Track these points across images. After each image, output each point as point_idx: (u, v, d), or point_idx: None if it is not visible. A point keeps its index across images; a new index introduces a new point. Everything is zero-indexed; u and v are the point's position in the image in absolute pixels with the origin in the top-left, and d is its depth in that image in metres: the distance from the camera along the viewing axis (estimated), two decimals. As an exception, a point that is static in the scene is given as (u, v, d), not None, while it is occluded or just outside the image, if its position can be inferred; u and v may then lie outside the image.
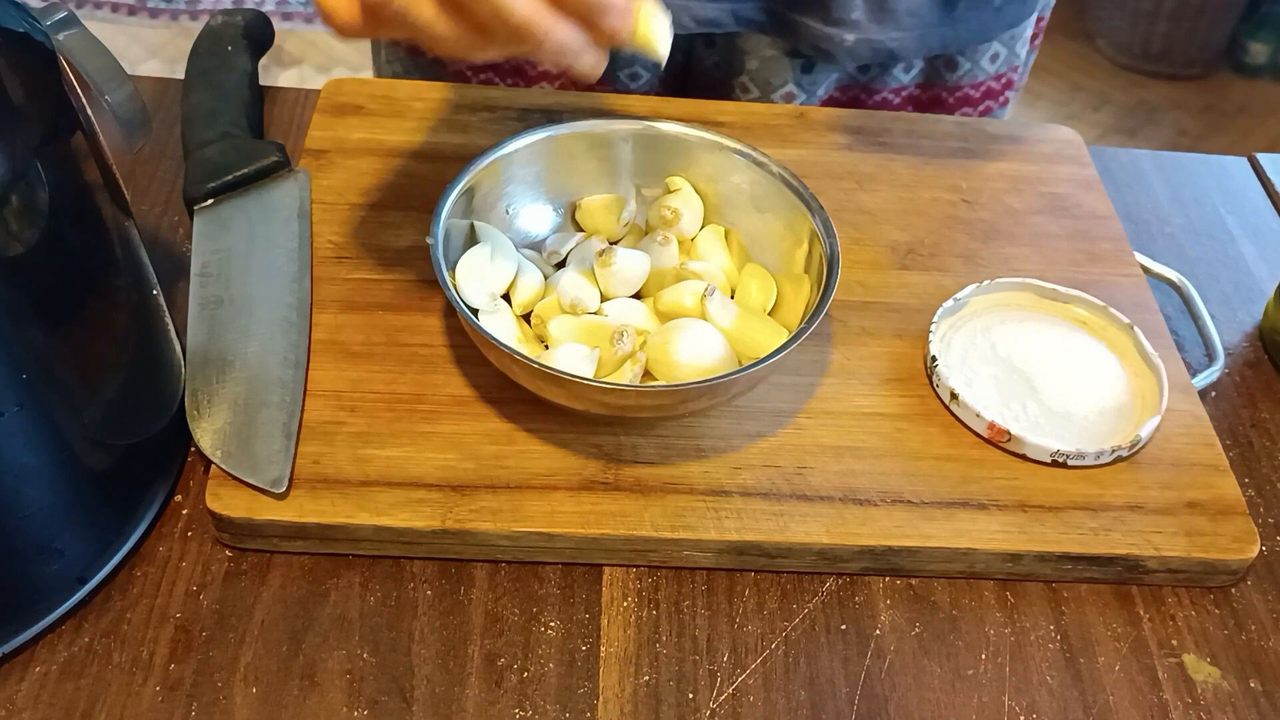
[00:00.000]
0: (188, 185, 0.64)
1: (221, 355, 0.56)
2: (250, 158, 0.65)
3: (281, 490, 0.51)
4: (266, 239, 0.62)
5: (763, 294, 0.60)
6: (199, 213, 0.63)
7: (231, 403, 0.54)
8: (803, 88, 0.78)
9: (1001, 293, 0.64)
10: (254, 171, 0.65)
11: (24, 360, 0.45)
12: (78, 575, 0.49)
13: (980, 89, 0.82)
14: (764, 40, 0.76)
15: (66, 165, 0.46)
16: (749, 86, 0.78)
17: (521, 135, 0.61)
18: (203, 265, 0.60)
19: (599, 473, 0.54)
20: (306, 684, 0.48)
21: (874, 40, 0.74)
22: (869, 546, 0.53)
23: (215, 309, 0.58)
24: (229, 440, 0.53)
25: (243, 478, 0.51)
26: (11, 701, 0.47)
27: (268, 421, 0.53)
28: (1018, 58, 0.82)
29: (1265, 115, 2.44)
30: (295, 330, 0.58)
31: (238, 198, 0.64)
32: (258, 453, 0.52)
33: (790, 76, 0.77)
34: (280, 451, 0.52)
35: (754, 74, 0.77)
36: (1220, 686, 0.52)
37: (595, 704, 0.49)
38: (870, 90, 0.80)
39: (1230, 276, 0.72)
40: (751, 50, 0.77)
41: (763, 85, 0.78)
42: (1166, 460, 0.57)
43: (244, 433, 0.53)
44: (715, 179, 0.63)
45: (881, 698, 0.50)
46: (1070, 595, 0.54)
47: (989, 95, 0.82)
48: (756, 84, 0.78)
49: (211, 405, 0.54)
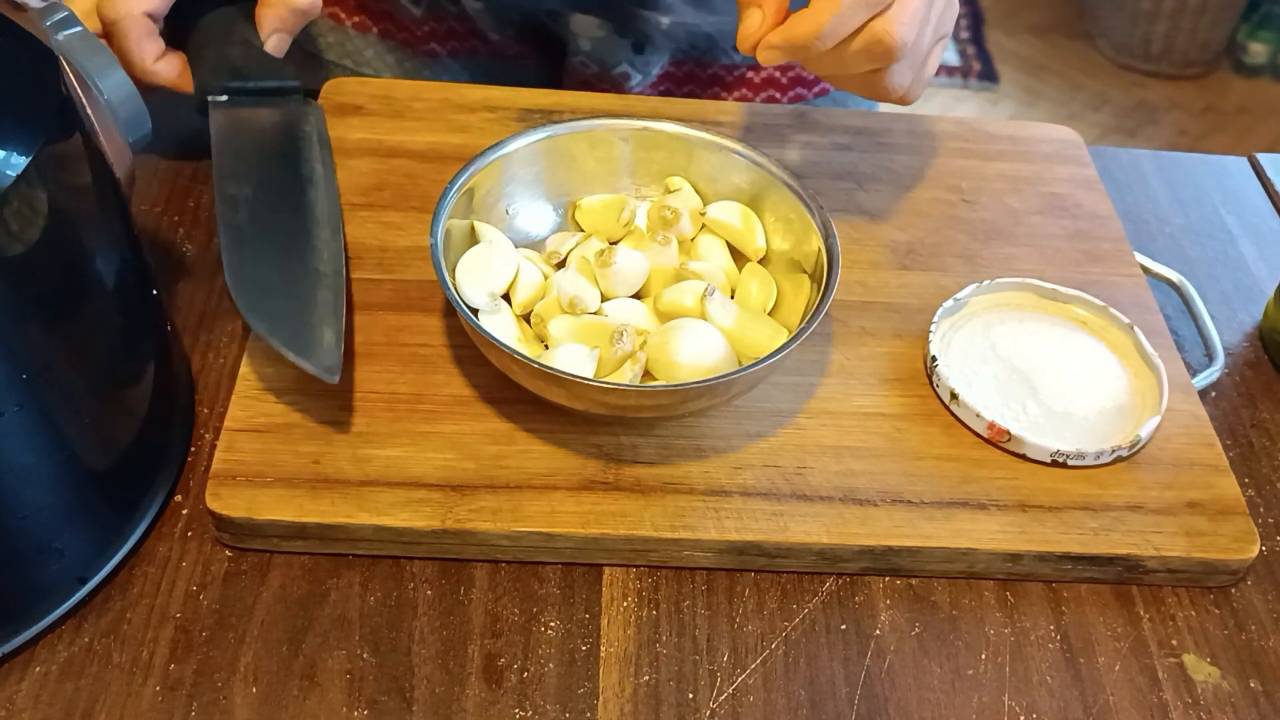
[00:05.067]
0: (204, 75, 0.64)
1: (256, 241, 0.56)
2: (271, 71, 0.65)
3: (335, 380, 0.51)
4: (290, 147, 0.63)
5: (763, 294, 0.60)
6: (215, 107, 0.63)
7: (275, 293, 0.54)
8: (636, 67, 0.78)
9: (1001, 293, 0.64)
10: (274, 87, 0.65)
11: (24, 360, 0.45)
12: (78, 575, 0.49)
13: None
14: (593, 21, 0.77)
15: (66, 165, 0.46)
16: (589, 64, 0.79)
17: (521, 135, 0.61)
18: (223, 156, 0.60)
19: (599, 473, 0.54)
20: (306, 684, 0.48)
21: (689, 24, 0.75)
22: (869, 546, 0.53)
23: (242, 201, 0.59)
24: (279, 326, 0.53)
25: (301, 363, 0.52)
26: (11, 701, 0.47)
27: (315, 314, 0.54)
28: None
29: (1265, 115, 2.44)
30: (329, 227, 0.58)
31: (253, 102, 0.64)
32: (310, 340, 0.53)
33: (623, 56, 0.78)
34: (334, 341, 0.53)
35: (589, 54, 0.78)
36: (1220, 686, 0.52)
37: (595, 704, 0.49)
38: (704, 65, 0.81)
39: (1230, 276, 0.72)
40: (581, 31, 0.77)
41: (599, 63, 0.78)
42: (1166, 460, 0.57)
43: (291, 318, 0.53)
44: (715, 179, 0.63)
45: (881, 698, 0.50)
46: (1070, 595, 0.54)
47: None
48: (594, 62, 0.79)
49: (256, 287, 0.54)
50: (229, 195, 0.59)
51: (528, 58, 0.81)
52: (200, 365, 0.59)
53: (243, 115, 0.63)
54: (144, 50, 0.62)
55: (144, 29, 0.62)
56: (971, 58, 2.50)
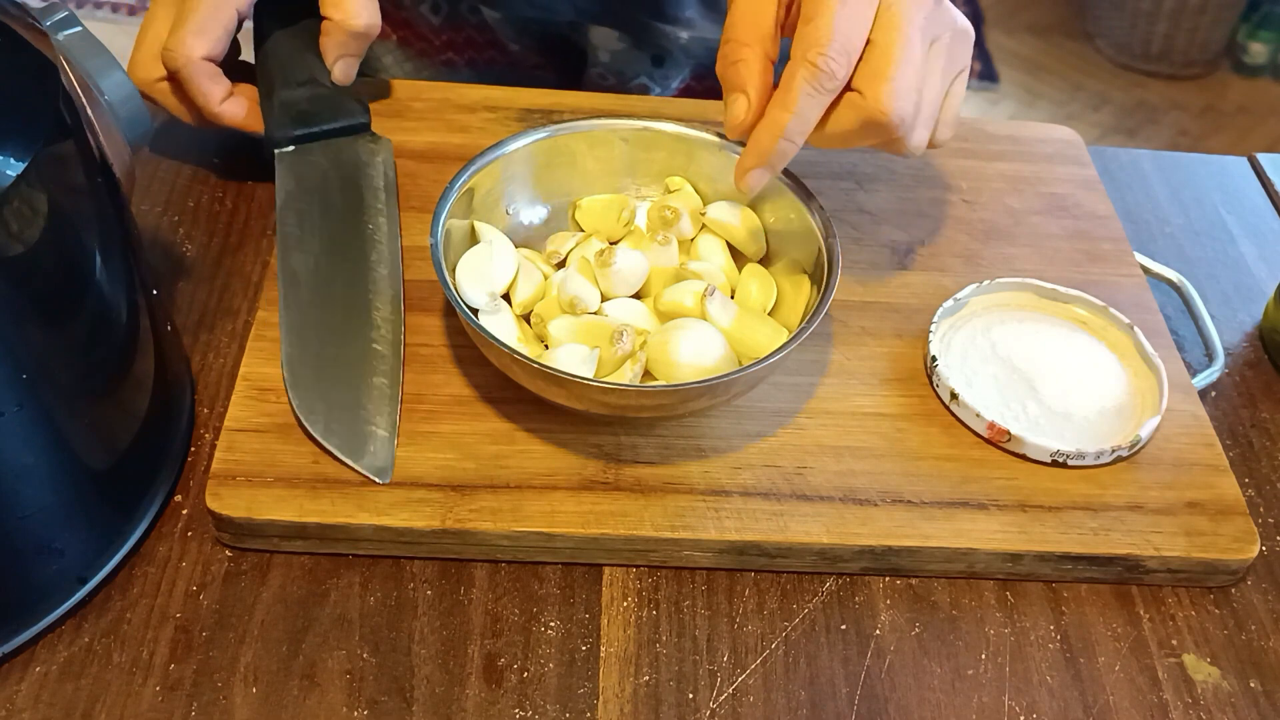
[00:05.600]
0: (271, 127, 0.64)
1: (314, 323, 0.56)
2: (338, 111, 0.65)
3: (386, 481, 0.52)
4: (355, 199, 0.63)
5: (763, 294, 0.60)
6: (281, 156, 0.63)
7: (331, 380, 0.55)
8: (654, 80, 0.78)
9: (1001, 293, 0.64)
10: (341, 127, 0.65)
11: (24, 360, 0.45)
12: (78, 575, 0.49)
13: None
14: (612, 33, 0.76)
15: (66, 165, 0.46)
16: (607, 75, 0.78)
17: (521, 135, 0.61)
18: (286, 221, 0.61)
19: (599, 473, 0.54)
20: (306, 684, 0.48)
21: (709, 40, 0.74)
22: (869, 546, 0.53)
23: (304, 273, 0.59)
24: (331, 421, 0.53)
25: (349, 463, 0.52)
26: (11, 701, 0.47)
27: (369, 406, 0.54)
28: None
29: (1265, 115, 2.44)
30: (390, 302, 0.58)
31: (320, 148, 0.64)
32: (363, 437, 0.53)
33: (642, 69, 0.77)
34: (386, 437, 0.53)
35: (608, 66, 0.78)
36: (1220, 686, 0.52)
37: (595, 704, 0.49)
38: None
39: (1230, 276, 0.72)
40: (601, 43, 0.77)
41: (617, 75, 0.78)
42: (1166, 460, 0.57)
43: (346, 413, 0.53)
44: (715, 179, 0.63)
45: (881, 698, 0.50)
46: (1070, 595, 0.54)
47: None
48: (612, 74, 0.78)
49: (309, 382, 0.54)
50: (291, 270, 0.59)
51: (546, 68, 0.80)
52: (200, 365, 0.59)
53: (309, 165, 0.63)
54: (209, 93, 0.63)
55: (206, 72, 0.62)
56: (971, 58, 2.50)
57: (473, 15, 0.78)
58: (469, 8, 0.77)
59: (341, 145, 0.65)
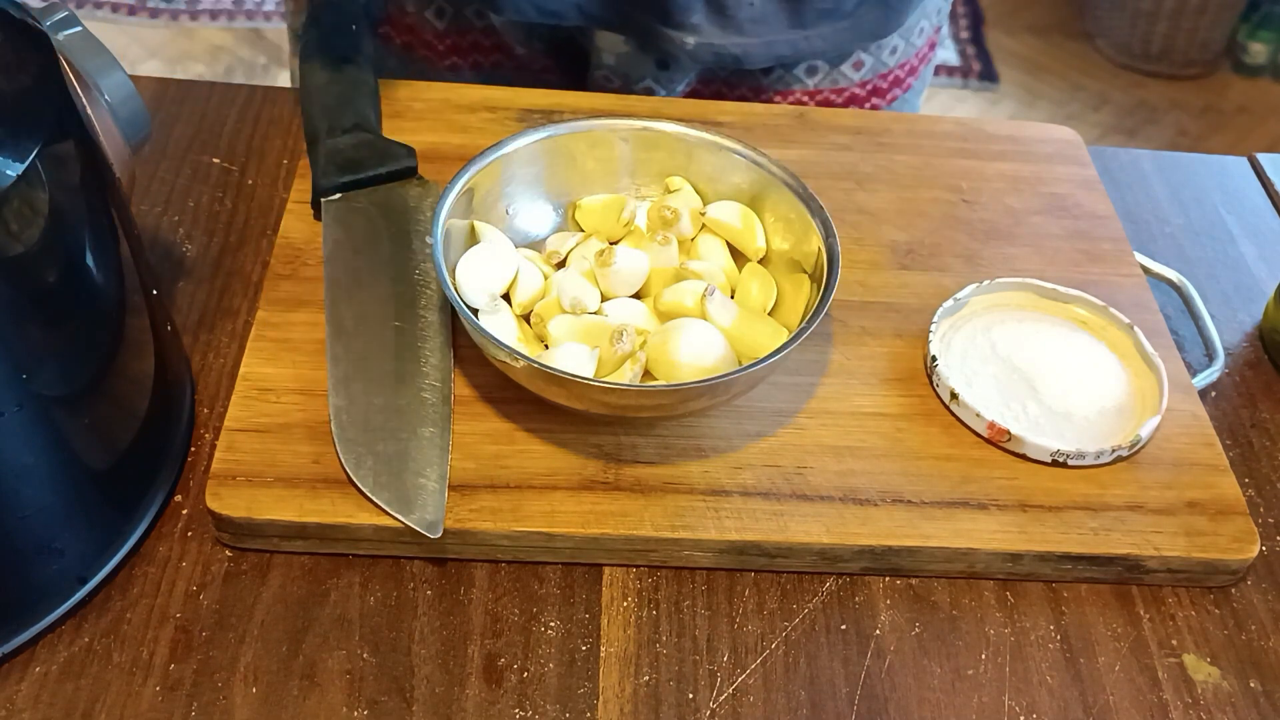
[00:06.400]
0: (318, 175, 0.64)
1: (363, 374, 0.56)
2: (384, 158, 0.65)
3: (437, 535, 0.50)
4: (402, 244, 0.62)
5: (763, 294, 0.60)
6: (327, 205, 0.63)
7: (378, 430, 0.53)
8: (660, 84, 0.78)
9: (1001, 293, 0.64)
10: (388, 173, 0.64)
11: (24, 360, 0.45)
12: (78, 575, 0.49)
13: (888, 79, 0.82)
14: (618, 38, 0.76)
15: (66, 165, 0.46)
16: (612, 79, 0.78)
17: (521, 135, 0.61)
18: (335, 269, 0.60)
19: (599, 473, 0.54)
20: (306, 684, 0.48)
21: (715, 45, 0.74)
22: (869, 546, 0.53)
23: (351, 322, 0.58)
24: (380, 474, 0.52)
25: (404, 520, 0.51)
26: (11, 701, 0.47)
27: (418, 458, 0.53)
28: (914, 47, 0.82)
29: (1265, 115, 2.44)
30: (439, 349, 0.57)
31: (367, 195, 0.64)
32: (413, 491, 0.52)
33: (647, 73, 0.77)
34: (436, 489, 0.52)
35: (613, 69, 0.78)
36: (1220, 686, 0.52)
37: (595, 704, 0.49)
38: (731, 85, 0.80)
39: (1230, 276, 0.72)
40: (606, 47, 0.77)
41: (622, 78, 0.78)
42: (1166, 460, 0.57)
43: (395, 465, 0.52)
44: (715, 179, 0.63)
45: (881, 698, 0.50)
46: (1070, 595, 0.54)
47: (895, 84, 0.83)
48: (617, 77, 0.78)
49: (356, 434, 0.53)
50: (339, 320, 0.58)
51: (551, 72, 0.81)
52: (200, 365, 0.59)
53: (356, 212, 0.63)
54: None
55: None
56: (971, 58, 2.50)
57: (479, 20, 0.78)
58: (475, 12, 0.77)
59: (388, 191, 0.64)
